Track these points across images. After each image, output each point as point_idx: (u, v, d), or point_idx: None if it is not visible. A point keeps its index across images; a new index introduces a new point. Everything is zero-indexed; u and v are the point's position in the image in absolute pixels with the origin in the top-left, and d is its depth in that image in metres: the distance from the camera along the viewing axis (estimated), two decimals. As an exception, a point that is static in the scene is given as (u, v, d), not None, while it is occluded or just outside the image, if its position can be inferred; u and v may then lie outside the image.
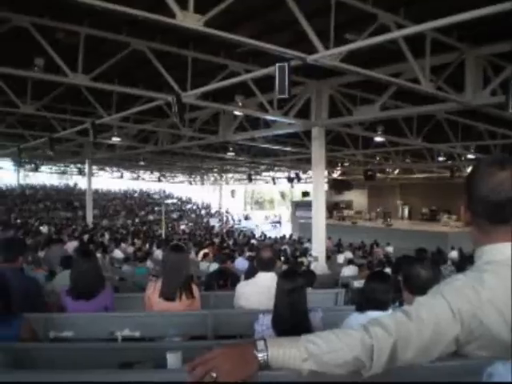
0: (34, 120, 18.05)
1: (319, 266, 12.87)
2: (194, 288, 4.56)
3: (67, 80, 9.99)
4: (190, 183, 52.14)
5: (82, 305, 4.28)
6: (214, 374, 1.32)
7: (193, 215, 47.99)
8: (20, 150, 20.72)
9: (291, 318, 3.24)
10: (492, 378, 0.96)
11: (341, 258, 15.69)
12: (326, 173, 22.68)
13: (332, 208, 35.54)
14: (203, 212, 50.99)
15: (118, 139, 19.66)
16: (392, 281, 3.52)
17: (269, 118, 13.80)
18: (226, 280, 7.28)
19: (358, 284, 7.67)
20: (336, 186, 38.71)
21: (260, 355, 1.37)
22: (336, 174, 34.87)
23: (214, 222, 43.94)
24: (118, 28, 9.64)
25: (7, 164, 37.39)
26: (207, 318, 4.46)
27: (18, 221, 31.71)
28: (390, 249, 21.92)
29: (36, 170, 33.84)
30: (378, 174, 29.84)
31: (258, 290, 4.43)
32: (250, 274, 6.12)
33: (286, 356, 1.36)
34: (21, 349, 3.15)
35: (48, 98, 13.22)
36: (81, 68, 9.83)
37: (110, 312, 4.43)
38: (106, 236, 22.28)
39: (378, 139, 18.29)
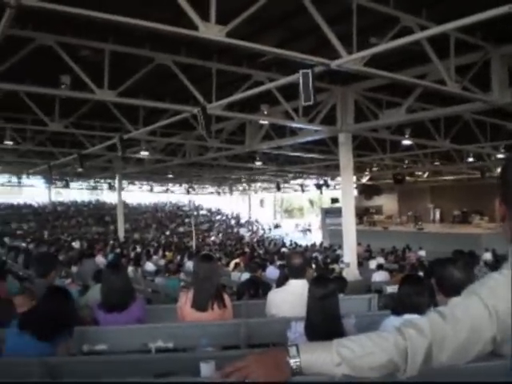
0: (63, 137, 18.36)
1: (351, 273, 12.76)
2: (226, 297, 4.55)
3: (94, 97, 10.16)
4: (219, 194, 52.28)
5: (114, 317, 4.30)
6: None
7: (223, 226, 48.06)
8: (50, 167, 21.18)
9: (324, 325, 3.21)
10: None
11: (373, 264, 15.50)
12: (354, 178, 22.51)
13: (362, 213, 35.14)
14: (233, 222, 51.02)
15: (147, 153, 19.86)
16: (426, 284, 3.45)
17: (295, 125, 13.82)
18: (258, 289, 7.26)
19: (392, 289, 7.57)
20: (365, 191, 38.41)
21: (292, 361, 1.36)
22: (365, 179, 34.58)
23: (243, 231, 43.93)
24: (141, 43, 9.78)
25: (39, 182, 37.95)
26: (240, 328, 4.44)
27: (51, 237, 32.10)
28: (422, 253, 21.58)
29: (67, 186, 34.37)
30: (408, 178, 29.46)
31: (290, 298, 4.40)
32: (281, 281, 6.10)
33: (318, 361, 1.35)
34: (56, 363, 3.17)
35: (76, 115, 13.43)
36: (107, 84, 9.98)
37: (142, 324, 4.45)
38: (138, 249, 22.42)
39: (406, 142, 18.11)
